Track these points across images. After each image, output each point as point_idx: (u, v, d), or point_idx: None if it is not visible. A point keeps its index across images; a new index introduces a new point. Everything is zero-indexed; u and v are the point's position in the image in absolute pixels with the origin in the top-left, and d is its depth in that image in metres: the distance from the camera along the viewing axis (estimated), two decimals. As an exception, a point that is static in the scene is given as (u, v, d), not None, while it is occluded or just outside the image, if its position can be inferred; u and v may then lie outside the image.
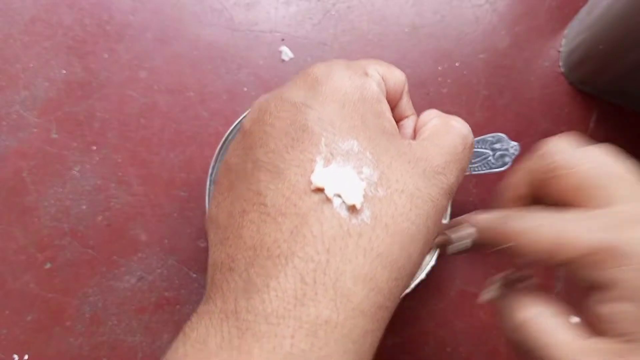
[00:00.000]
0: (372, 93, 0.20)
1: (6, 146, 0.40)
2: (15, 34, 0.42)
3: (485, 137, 0.32)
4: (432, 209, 0.18)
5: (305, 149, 0.18)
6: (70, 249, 0.39)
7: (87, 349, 0.37)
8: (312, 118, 0.18)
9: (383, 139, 0.18)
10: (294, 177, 0.17)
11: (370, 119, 0.19)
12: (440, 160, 0.19)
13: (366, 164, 0.17)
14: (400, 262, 0.17)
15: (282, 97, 0.19)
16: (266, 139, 0.18)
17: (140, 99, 0.41)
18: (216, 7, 0.43)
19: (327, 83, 0.19)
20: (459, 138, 0.21)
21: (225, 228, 0.18)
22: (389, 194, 0.17)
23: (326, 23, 0.43)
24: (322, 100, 0.19)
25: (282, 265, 0.16)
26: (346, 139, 0.18)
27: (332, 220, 0.16)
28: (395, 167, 0.18)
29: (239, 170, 0.19)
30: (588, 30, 0.40)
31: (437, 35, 0.43)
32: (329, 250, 0.16)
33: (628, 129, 0.43)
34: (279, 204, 0.17)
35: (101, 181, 0.40)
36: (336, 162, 0.17)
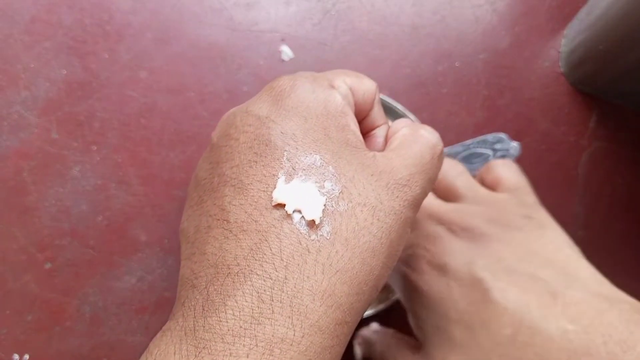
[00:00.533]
0: (336, 106, 0.20)
1: (7, 146, 0.40)
2: (16, 34, 0.42)
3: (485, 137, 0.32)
4: (395, 222, 0.18)
5: (268, 163, 0.18)
6: (70, 249, 0.39)
7: (87, 349, 0.37)
8: (275, 132, 0.18)
9: (346, 152, 0.19)
10: (256, 193, 0.17)
11: (334, 132, 0.19)
12: (405, 172, 0.19)
13: (328, 178, 0.18)
14: (361, 277, 0.17)
15: (247, 111, 0.19)
16: (231, 154, 0.19)
17: (140, 99, 0.41)
18: (216, 7, 0.43)
19: (290, 96, 0.19)
20: (427, 148, 0.21)
21: (192, 243, 0.18)
22: (351, 208, 0.17)
23: (326, 23, 0.43)
24: (285, 114, 0.19)
25: (241, 283, 0.16)
26: (309, 153, 0.18)
27: (291, 236, 0.17)
28: (357, 180, 0.18)
29: (207, 184, 0.19)
30: (588, 30, 0.40)
31: (437, 35, 0.44)
32: (287, 267, 0.16)
33: (628, 129, 0.43)
34: (241, 220, 0.17)
35: (101, 181, 0.40)
36: (298, 177, 0.17)
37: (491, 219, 0.26)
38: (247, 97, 0.42)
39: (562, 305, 0.22)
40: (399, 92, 0.42)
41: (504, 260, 0.24)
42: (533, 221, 0.26)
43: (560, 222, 0.28)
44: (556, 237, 0.25)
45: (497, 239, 0.25)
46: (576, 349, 0.20)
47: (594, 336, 0.20)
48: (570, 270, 0.23)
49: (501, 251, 0.24)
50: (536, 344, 0.21)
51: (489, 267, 0.24)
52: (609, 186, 0.42)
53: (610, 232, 0.42)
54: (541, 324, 0.21)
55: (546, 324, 0.21)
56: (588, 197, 0.42)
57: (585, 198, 0.42)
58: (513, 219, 0.26)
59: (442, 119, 0.42)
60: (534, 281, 0.23)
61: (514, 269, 0.24)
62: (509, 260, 0.24)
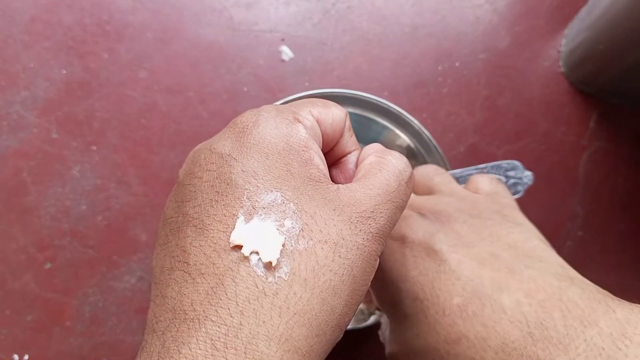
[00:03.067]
0: (299, 140, 0.19)
1: (6, 146, 0.40)
2: (15, 34, 0.42)
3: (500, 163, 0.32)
4: (358, 257, 0.18)
5: (228, 203, 0.17)
6: (70, 249, 0.39)
7: (87, 349, 0.37)
8: (237, 171, 0.18)
9: (309, 188, 0.18)
10: (216, 234, 0.17)
11: (296, 167, 0.19)
12: (369, 204, 0.19)
13: (289, 215, 0.17)
14: (321, 318, 0.17)
15: (211, 149, 0.19)
16: (194, 192, 0.18)
17: (140, 99, 0.41)
18: (216, 7, 0.43)
19: (252, 133, 0.19)
20: (393, 175, 0.20)
21: (156, 284, 0.18)
22: (311, 246, 0.17)
23: (326, 23, 0.43)
24: (246, 152, 0.18)
25: (195, 329, 0.16)
26: (270, 190, 0.18)
27: (247, 279, 0.16)
28: (319, 217, 0.18)
29: (172, 223, 0.19)
30: (588, 30, 0.40)
31: (437, 35, 0.43)
32: (242, 313, 0.16)
33: (628, 129, 0.43)
34: (200, 262, 0.17)
35: (101, 181, 0.40)
36: (258, 216, 0.17)
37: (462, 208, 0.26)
38: (247, 97, 0.42)
39: (519, 280, 0.21)
40: (399, 92, 0.42)
41: (465, 237, 0.24)
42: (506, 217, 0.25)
43: (560, 222, 0.28)
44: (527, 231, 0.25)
45: (463, 221, 0.24)
46: (529, 321, 0.19)
47: (550, 310, 0.19)
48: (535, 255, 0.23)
49: (464, 230, 0.24)
50: (485, 314, 0.20)
51: (448, 240, 0.23)
52: (609, 186, 0.42)
53: (610, 232, 0.42)
54: (493, 294, 0.21)
55: (499, 295, 0.20)
56: (588, 197, 0.42)
57: (585, 198, 0.42)
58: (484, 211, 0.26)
59: (442, 119, 0.42)
60: (494, 257, 0.22)
61: (474, 245, 0.23)
62: (469, 238, 0.24)
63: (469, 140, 0.42)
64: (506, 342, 0.19)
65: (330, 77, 0.42)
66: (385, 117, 0.37)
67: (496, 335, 0.20)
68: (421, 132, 0.36)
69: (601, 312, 0.18)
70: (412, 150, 0.37)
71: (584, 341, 0.18)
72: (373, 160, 0.21)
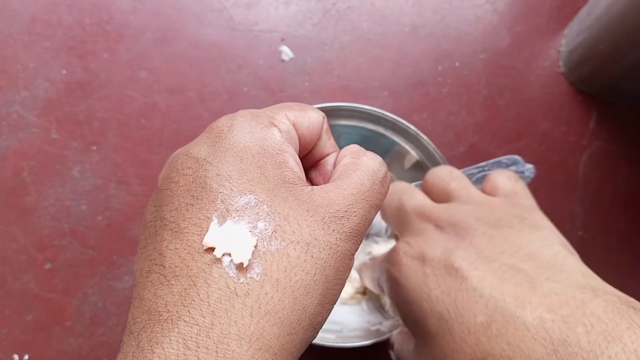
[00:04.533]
0: (274, 144, 0.20)
1: (6, 146, 0.40)
2: (15, 34, 0.42)
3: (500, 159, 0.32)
4: (330, 257, 0.18)
5: (203, 206, 0.18)
6: (70, 249, 0.39)
7: (87, 349, 0.37)
8: (211, 175, 0.18)
9: (282, 190, 0.19)
10: (191, 237, 0.17)
11: (270, 170, 0.19)
12: (342, 204, 0.19)
13: (262, 217, 0.18)
14: (292, 317, 0.17)
15: (188, 153, 0.20)
16: (171, 197, 0.19)
17: (140, 99, 0.41)
18: (216, 7, 0.43)
19: (227, 137, 0.19)
20: (366, 175, 0.20)
21: (135, 287, 0.18)
22: (283, 247, 0.17)
23: (326, 23, 0.43)
24: (221, 156, 0.19)
25: (169, 330, 0.16)
26: (243, 193, 0.18)
27: (219, 281, 0.16)
28: (292, 218, 0.18)
29: (151, 227, 0.19)
30: (588, 30, 0.40)
31: (437, 35, 0.44)
32: (214, 313, 0.16)
33: (628, 129, 0.43)
34: (175, 265, 0.17)
35: (101, 181, 0.40)
36: (231, 218, 0.17)
37: (480, 216, 0.25)
38: (247, 97, 0.42)
39: (540, 295, 0.21)
40: (399, 92, 0.42)
41: (484, 251, 0.24)
42: (525, 221, 0.25)
43: (560, 222, 0.28)
44: (548, 236, 0.25)
45: (482, 233, 0.24)
46: (553, 338, 0.19)
47: (573, 325, 0.19)
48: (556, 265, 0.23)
49: (483, 243, 0.24)
50: (509, 332, 0.20)
51: (468, 257, 0.23)
52: (609, 186, 0.42)
53: (610, 232, 0.42)
54: (516, 312, 0.21)
55: (521, 312, 0.20)
56: (588, 197, 0.42)
57: (585, 198, 0.42)
58: (504, 217, 0.26)
59: (442, 119, 0.42)
60: (514, 271, 0.22)
61: (494, 259, 0.23)
62: (489, 251, 0.24)
63: (469, 140, 0.42)
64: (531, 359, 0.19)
65: (330, 77, 0.42)
66: (394, 131, 0.37)
67: (521, 354, 0.20)
68: (429, 146, 0.36)
69: (625, 326, 0.18)
70: (421, 165, 0.37)
71: (608, 358, 0.18)
72: (348, 161, 0.21)
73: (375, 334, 0.34)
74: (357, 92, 0.42)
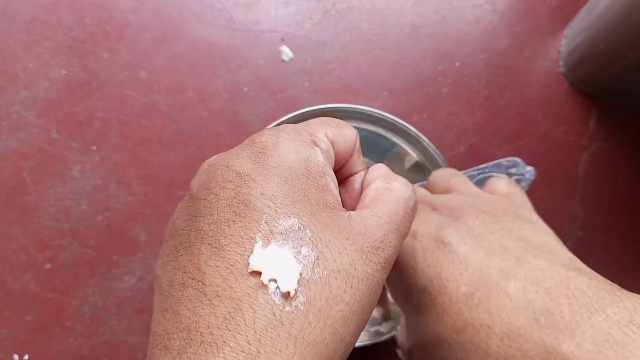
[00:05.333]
0: (317, 166, 0.20)
1: (6, 146, 0.40)
2: (15, 34, 0.42)
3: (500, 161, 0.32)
4: (367, 288, 0.18)
5: (246, 225, 0.18)
6: (70, 249, 0.39)
7: (87, 349, 0.37)
8: (255, 193, 0.18)
9: (324, 214, 0.19)
10: (232, 256, 0.17)
11: (313, 193, 0.19)
12: (379, 234, 0.19)
13: (305, 243, 0.18)
14: (331, 348, 0.17)
15: (229, 166, 0.19)
16: (210, 209, 0.18)
17: (140, 99, 0.41)
18: (216, 7, 0.43)
19: (272, 155, 0.19)
20: (399, 203, 0.21)
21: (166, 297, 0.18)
22: (325, 276, 0.17)
23: (326, 23, 0.43)
24: (266, 174, 0.19)
25: (213, 354, 0.16)
26: (287, 215, 0.18)
27: (265, 307, 0.16)
28: (333, 245, 0.18)
29: (184, 235, 0.19)
30: (588, 30, 0.40)
31: (437, 35, 0.43)
32: (259, 341, 0.16)
33: (628, 129, 0.43)
34: (216, 284, 0.17)
35: (101, 181, 0.40)
36: (275, 241, 0.17)
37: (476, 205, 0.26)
38: (247, 97, 0.42)
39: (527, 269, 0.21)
40: (399, 92, 0.42)
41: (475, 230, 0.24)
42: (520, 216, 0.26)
43: (559, 222, 0.28)
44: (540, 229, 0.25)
45: (476, 216, 0.25)
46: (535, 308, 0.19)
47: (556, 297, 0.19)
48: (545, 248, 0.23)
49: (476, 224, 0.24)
50: (490, 302, 0.20)
51: (458, 234, 0.24)
52: (609, 186, 0.42)
53: (610, 232, 0.42)
54: (500, 282, 0.21)
55: (505, 282, 0.21)
56: (588, 197, 0.42)
57: (585, 198, 0.42)
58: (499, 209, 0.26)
59: (442, 119, 0.42)
60: (503, 249, 0.22)
61: (484, 237, 0.23)
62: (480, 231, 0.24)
63: (469, 140, 0.42)
64: (511, 328, 0.19)
65: (330, 77, 0.42)
66: (394, 132, 0.37)
67: (501, 322, 0.20)
68: (428, 147, 0.36)
69: (609, 300, 0.18)
70: (421, 166, 0.37)
71: (590, 327, 0.18)
72: (380, 185, 0.21)
73: (374, 335, 0.34)
74: (357, 92, 0.42)
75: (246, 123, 0.41)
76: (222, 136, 0.41)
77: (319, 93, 0.42)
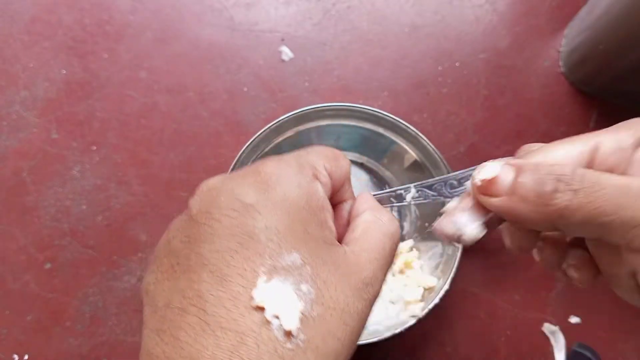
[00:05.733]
0: (318, 200, 0.20)
1: (6, 146, 0.40)
2: (15, 34, 0.42)
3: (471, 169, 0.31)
4: (357, 324, 0.19)
5: (250, 257, 0.18)
6: (70, 249, 0.39)
7: (87, 349, 0.37)
8: (260, 225, 0.18)
9: (323, 251, 0.19)
10: (236, 288, 0.17)
11: (314, 229, 0.19)
12: (370, 270, 0.20)
13: (305, 279, 0.18)
14: None
15: (233, 193, 0.19)
16: (212, 236, 0.19)
17: (140, 99, 0.41)
18: (216, 7, 0.43)
19: (277, 188, 0.19)
20: (387, 237, 0.21)
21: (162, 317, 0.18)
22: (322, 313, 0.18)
23: (326, 23, 0.43)
24: (271, 207, 0.19)
25: None
26: (289, 250, 0.18)
27: (268, 343, 0.17)
28: (330, 283, 0.18)
29: (182, 257, 0.19)
30: (588, 30, 0.40)
31: (437, 35, 0.43)
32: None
33: (628, 129, 0.43)
34: (220, 315, 0.17)
35: (101, 181, 0.40)
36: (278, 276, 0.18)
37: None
38: (247, 97, 0.42)
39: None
40: (399, 92, 0.42)
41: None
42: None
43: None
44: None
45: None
46: None
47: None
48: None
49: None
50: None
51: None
52: (609, 186, 0.42)
53: (610, 232, 0.42)
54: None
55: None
56: (588, 197, 0.42)
57: (585, 198, 0.42)
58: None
59: (442, 119, 0.42)
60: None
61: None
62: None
63: (469, 140, 0.42)
64: None
65: (330, 77, 0.42)
66: (393, 131, 0.37)
67: None
68: (428, 146, 0.36)
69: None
70: (420, 164, 0.37)
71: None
72: (369, 218, 0.22)
73: (373, 334, 0.34)
74: (357, 92, 0.42)
75: (246, 123, 0.41)
76: (222, 136, 0.41)
77: (319, 93, 0.42)
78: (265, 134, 0.36)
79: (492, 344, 0.38)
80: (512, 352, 0.38)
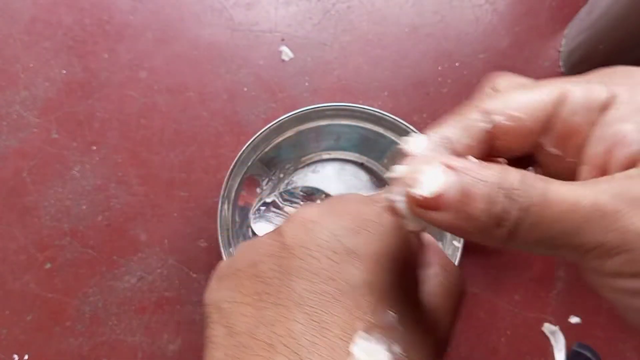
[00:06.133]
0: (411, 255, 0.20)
1: (6, 146, 0.40)
2: (15, 34, 0.42)
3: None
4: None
5: (350, 309, 0.17)
6: (70, 249, 0.39)
7: (87, 349, 0.37)
8: (363, 277, 0.18)
9: (414, 311, 0.19)
10: (333, 338, 0.17)
11: (407, 285, 0.19)
12: (445, 332, 0.20)
13: (397, 340, 0.18)
14: None
15: (335, 234, 0.19)
16: (309, 274, 0.18)
17: (140, 99, 0.41)
18: (216, 7, 0.43)
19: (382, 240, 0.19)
20: (461, 298, 0.21)
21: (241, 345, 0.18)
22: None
23: (326, 23, 0.43)
24: (375, 261, 0.18)
25: None
26: (386, 310, 0.18)
27: None
28: (415, 343, 0.18)
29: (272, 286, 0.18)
30: (588, 30, 0.40)
31: (437, 35, 0.43)
32: None
33: (628, 129, 0.43)
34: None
35: (101, 181, 0.40)
36: (375, 334, 0.17)
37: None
38: (247, 97, 0.42)
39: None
40: (399, 92, 0.42)
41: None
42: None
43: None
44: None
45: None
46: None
47: None
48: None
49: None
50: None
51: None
52: (609, 186, 0.42)
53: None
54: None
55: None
56: (588, 197, 0.42)
57: (585, 198, 0.42)
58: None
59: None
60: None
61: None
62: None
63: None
64: None
65: (330, 77, 0.42)
66: (393, 131, 0.37)
67: None
68: None
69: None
70: None
71: None
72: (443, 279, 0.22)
73: None
74: (357, 92, 0.42)
75: (246, 123, 0.41)
76: (222, 136, 0.41)
77: (319, 93, 0.42)
78: (265, 134, 0.36)
79: (492, 344, 0.38)
80: (512, 352, 0.38)
